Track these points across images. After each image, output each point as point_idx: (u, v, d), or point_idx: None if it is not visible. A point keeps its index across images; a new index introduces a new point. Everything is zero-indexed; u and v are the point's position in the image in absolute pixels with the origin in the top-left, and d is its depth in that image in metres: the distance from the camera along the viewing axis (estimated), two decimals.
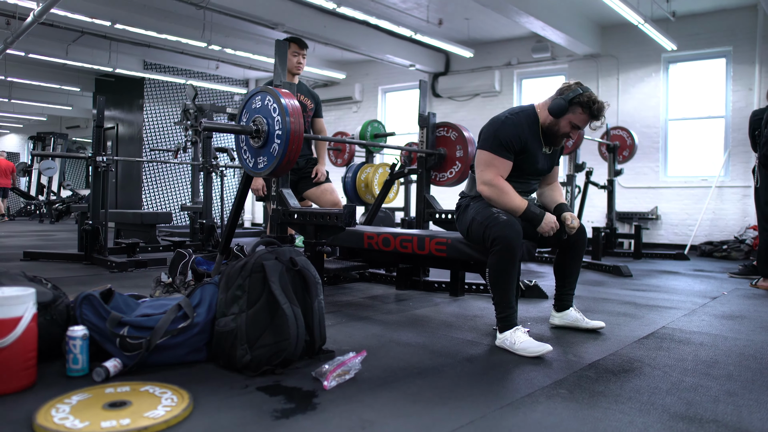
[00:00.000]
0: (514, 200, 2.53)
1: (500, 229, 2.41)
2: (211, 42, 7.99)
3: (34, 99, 12.93)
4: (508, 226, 2.42)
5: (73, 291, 2.14)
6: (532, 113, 2.65)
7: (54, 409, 1.53)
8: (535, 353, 2.24)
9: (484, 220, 2.52)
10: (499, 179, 2.55)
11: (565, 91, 2.58)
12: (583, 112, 2.56)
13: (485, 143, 2.60)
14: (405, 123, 9.86)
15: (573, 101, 2.55)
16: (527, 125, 2.61)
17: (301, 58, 3.85)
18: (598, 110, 2.56)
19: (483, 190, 2.57)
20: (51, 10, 6.13)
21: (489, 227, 2.47)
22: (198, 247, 5.84)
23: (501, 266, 2.39)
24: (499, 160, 2.55)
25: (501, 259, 2.39)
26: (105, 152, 4.92)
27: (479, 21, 8.01)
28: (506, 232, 2.40)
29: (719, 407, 1.73)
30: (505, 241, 2.38)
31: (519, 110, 2.66)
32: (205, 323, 2.06)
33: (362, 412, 1.63)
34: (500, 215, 2.48)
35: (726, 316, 3.19)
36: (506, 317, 2.39)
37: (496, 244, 2.40)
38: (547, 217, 2.56)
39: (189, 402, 1.61)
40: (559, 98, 2.57)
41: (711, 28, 7.28)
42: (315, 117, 4.06)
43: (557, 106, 2.56)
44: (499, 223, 2.44)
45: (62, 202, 12.54)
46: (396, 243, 3.14)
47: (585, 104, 2.54)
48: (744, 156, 7.03)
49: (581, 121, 2.59)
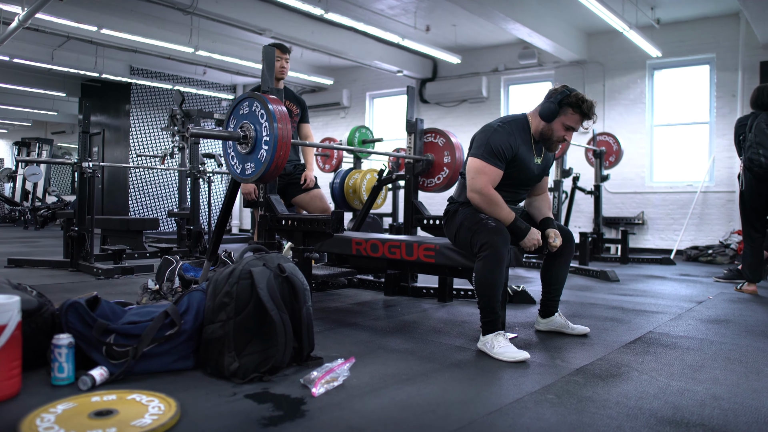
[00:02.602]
0: (502, 211, 2.54)
1: (488, 235, 2.43)
2: (198, 47, 7.96)
3: (18, 104, 12.80)
4: (496, 232, 2.43)
5: (58, 298, 2.11)
6: (524, 122, 2.67)
7: (39, 418, 1.51)
8: (512, 359, 2.26)
9: (473, 226, 2.53)
10: (490, 188, 2.55)
11: (554, 95, 2.60)
12: (574, 112, 2.58)
13: (477, 150, 2.60)
14: (393, 129, 9.88)
15: (562, 102, 2.57)
16: (519, 134, 2.63)
17: (284, 62, 3.85)
18: (589, 108, 2.58)
19: (473, 197, 2.57)
20: (36, 14, 6.08)
21: (477, 233, 2.49)
22: (185, 254, 5.81)
23: (487, 272, 2.40)
24: (490, 168, 2.56)
25: (487, 265, 2.40)
26: (91, 158, 4.88)
27: (466, 27, 8.06)
28: (494, 238, 2.41)
29: (705, 411, 1.74)
30: (493, 247, 2.40)
31: (511, 119, 2.68)
32: (193, 330, 2.04)
33: (351, 419, 1.63)
34: (489, 221, 2.49)
35: (712, 321, 3.22)
36: (489, 322, 2.41)
37: (484, 250, 2.41)
38: (531, 233, 2.58)
39: (176, 410, 1.59)
40: (548, 102, 2.60)
41: (695, 36, 7.37)
42: (301, 122, 4.06)
43: (547, 110, 2.58)
44: (487, 229, 2.45)
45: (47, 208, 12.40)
46: (384, 249, 3.14)
47: (575, 104, 2.56)
48: (728, 161, 7.11)
49: (574, 121, 2.60)
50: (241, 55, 8.67)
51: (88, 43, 8.20)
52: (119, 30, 7.42)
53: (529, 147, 2.67)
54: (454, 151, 3.88)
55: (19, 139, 15.28)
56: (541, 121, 2.63)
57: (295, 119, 3.95)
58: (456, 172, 3.91)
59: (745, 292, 4.27)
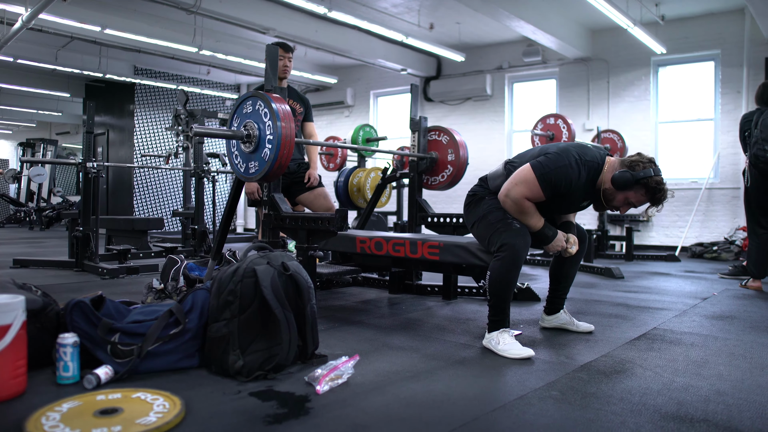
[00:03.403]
0: (531, 219, 2.46)
1: (511, 237, 2.39)
2: (202, 47, 7.98)
3: (23, 105, 12.84)
4: (520, 235, 2.40)
5: (63, 298, 2.12)
6: (597, 170, 2.48)
7: (44, 417, 1.51)
8: (516, 356, 2.26)
9: (497, 223, 2.48)
10: (525, 201, 2.43)
11: (637, 167, 2.39)
12: (645, 195, 2.41)
13: (539, 165, 2.42)
14: (397, 127, 9.88)
15: (640, 181, 2.37)
16: (585, 180, 2.47)
17: (287, 61, 3.84)
18: (661, 199, 2.40)
19: (505, 201, 2.48)
20: (40, 15, 6.10)
21: (499, 231, 2.44)
22: (190, 253, 5.82)
23: (503, 273, 2.38)
24: (537, 189, 2.41)
25: (505, 266, 2.38)
26: (95, 158, 4.90)
27: (470, 25, 8.04)
28: (516, 241, 2.38)
29: (710, 407, 1.74)
30: (513, 249, 2.37)
31: (589, 161, 2.46)
32: (197, 329, 2.05)
33: (355, 416, 1.63)
34: (514, 222, 2.45)
35: (716, 317, 3.21)
36: (498, 321, 2.41)
37: (504, 251, 2.38)
38: (557, 240, 2.52)
39: (181, 408, 1.60)
40: (627, 172, 2.38)
41: (699, 32, 7.34)
42: (305, 121, 4.05)
43: (622, 180, 2.38)
44: (511, 230, 2.42)
45: (52, 208, 12.45)
46: (388, 247, 3.15)
47: (651, 189, 2.38)
48: (733, 158, 7.09)
49: (639, 201, 2.44)
50: (245, 54, 8.68)
51: (92, 44, 8.22)
52: (123, 30, 7.44)
53: (586, 191, 2.52)
54: (458, 149, 3.88)
55: (24, 140, 15.33)
56: (610, 184, 2.44)
57: (299, 118, 3.95)
58: (460, 170, 3.90)
59: (751, 289, 4.25)
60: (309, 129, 4.09)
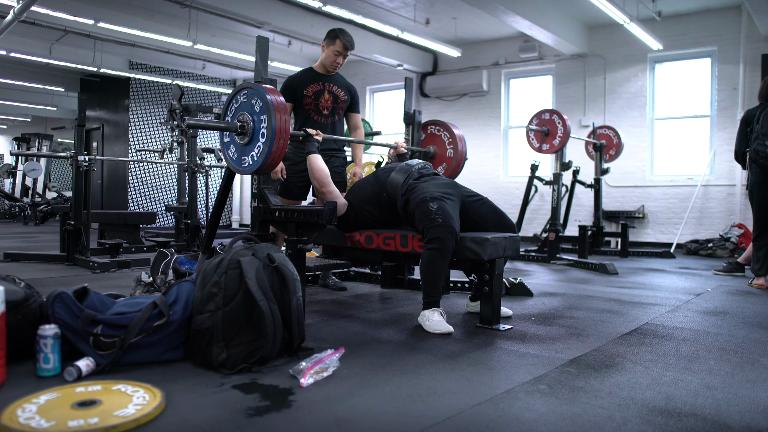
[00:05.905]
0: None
1: (439, 230, 2.63)
2: (196, 41, 7.92)
3: (17, 99, 12.75)
4: (446, 228, 2.63)
5: (51, 291, 2.09)
6: None
7: (20, 409, 1.49)
8: (436, 330, 2.55)
9: (426, 213, 2.70)
10: None
11: None
12: None
13: None
14: (393, 124, 9.83)
15: None
16: None
17: (341, 59, 3.60)
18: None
19: None
20: (32, 7, 6.04)
21: (428, 227, 2.67)
22: (183, 248, 5.79)
23: (434, 262, 2.65)
24: None
25: (435, 257, 2.64)
26: (88, 152, 4.86)
27: (467, 20, 8.00)
28: (444, 233, 2.62)
29: (698, 401, 1.72)
30: (442, 242, 2.62)
31: None
32: (182, 321, 2.02)
33: (338, 409, 1.61)
34: (437, 217, 2.66)
35: (709, 312, 3.20)
36: (431, 301, 2.69)
37: (434, 243, 2.63)
38: None
39: (161, 400, 1.58)
40: None
41: (696, 28, 7.31)
42: (350, 111, 3.80)
43: None
44: (437, 225, 2.64)
45: (47, 203, 12.39)
46: (379, 241, 3.11)
47: None
48: (729, 155, 7.03)
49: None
50: (241, 49, 8.63)
51: (86, 37, 8.16)
52: (116, 23, 7.38)
53: None
54: (456, 145, 3.84)
55: (19, 134, 15.25)
56: None
57: (342, 106, 3.71)
58: (457, 166, 3.87)
59: (755, 287, 4.17)
60: (355, 120, 3.82)
